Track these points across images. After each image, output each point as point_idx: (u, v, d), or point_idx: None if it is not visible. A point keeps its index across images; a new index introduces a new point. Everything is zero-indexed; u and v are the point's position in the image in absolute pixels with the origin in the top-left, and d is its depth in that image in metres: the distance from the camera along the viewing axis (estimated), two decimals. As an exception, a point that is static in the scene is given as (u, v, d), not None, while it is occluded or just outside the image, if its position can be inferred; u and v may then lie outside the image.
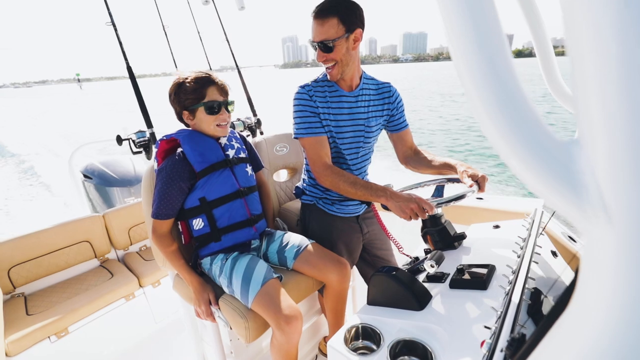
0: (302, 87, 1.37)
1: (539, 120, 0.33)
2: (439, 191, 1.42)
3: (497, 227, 1.35)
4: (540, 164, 0.32)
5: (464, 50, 0.33)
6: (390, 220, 1.58)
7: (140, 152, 2.00)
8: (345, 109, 1.39)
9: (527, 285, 0.84)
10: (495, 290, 0.93)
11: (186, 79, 1.30)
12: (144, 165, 3.43)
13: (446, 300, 0.95)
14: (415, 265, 1.03)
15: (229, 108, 1.37)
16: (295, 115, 1.35)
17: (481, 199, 2.01)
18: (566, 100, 1.37)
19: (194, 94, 1.29)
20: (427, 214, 1.12)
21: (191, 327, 1.69)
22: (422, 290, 0.97)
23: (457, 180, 1.38)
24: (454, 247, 1.25)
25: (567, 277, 0.92)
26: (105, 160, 3.44)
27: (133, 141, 1.97)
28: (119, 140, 1.98)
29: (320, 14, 1.21)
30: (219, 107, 1.33)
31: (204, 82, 1.30)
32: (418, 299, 0.94)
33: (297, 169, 2.04)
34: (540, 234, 1.05)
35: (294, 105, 1.36)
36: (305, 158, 1.50)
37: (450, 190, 1.45)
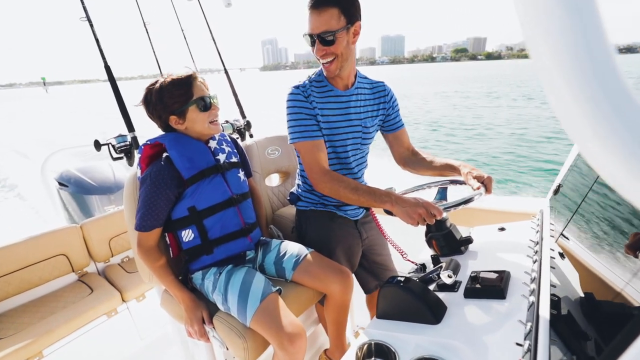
0: (297, 87, 1.28)
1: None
2: (442, 193, 1.37)
3: (502, 229, 1.31)
4: None
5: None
6: (389, 225, 1.52)
7: (121, 158, 1.86)
8: (342, 109, 1.32)
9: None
10: (515, 299, 0.87)
11: (165, 82, 1.19)
12: (124, 171, 3.25)
13: (463, 311, 0.89)
14: (428, 275, 0.97)
15: (215, 102, 1.29)
16: (290, 118, 1.26)
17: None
18: None
19: (182, 95, 1.19)
20: (434, 219, 1.06)
21: (181, 347, 1.57)
22: (436, 301, 0.91)
23: (462, 182, 1.33)
24: (461, 252, 1.20)
25: (576, 282, 0.88)
26: (81, 166, 3.24)
27: (113, 146, 1.83)
28: (97, 145, 1.83)
29: (320, 4, 1.13)
30: (210, 101, 1.24)
31: (188, 80, 1.21)
32: (433, 312, 0.88)
33: (289, 173, 1.96)
34: (557, 240, 1.00)
35: (288, 107, 1.26)
36: (300, 163, 1.42)
37: (452, 192, 1.40)
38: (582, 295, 0.82)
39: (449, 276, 0.90)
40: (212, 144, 1.32)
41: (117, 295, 1.97)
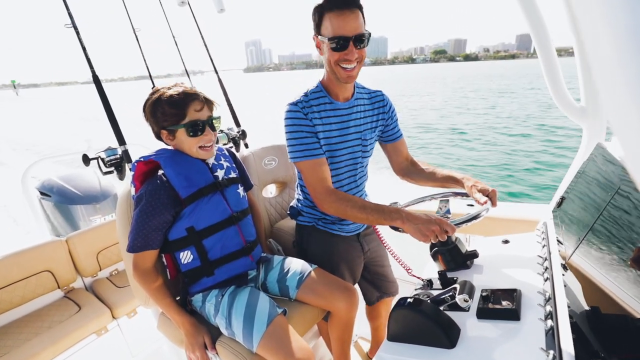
0: (294, 104, 1.21)
1: None
2: (445, 205, 1.35)
3: (506, 242, 1.30)
4: None
5: None
6: (389, 237, 1.50)
7: (111, 172, 1.78)
8: (343, 122, 1.27)
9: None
10: (530, 321, 0.86)
11: (162, 95, 1.13)
12: (111, 179, 3.13)
13: (478, 334, 0.87)
14: (440, 296, 0.95)
15: (215, 125, 1.21)
16: (290, 137, 1.21)
17: (472, 205, 1.98)
18: (572, 112, 1.36)
19: (174, 115, 1.12)
20: (446, 235, 1.04)
21: None
22: (450, 324, 0.89)
23: (465, 195, 1.32)
24: (467, 267, 1.19)
25: (580, 294, 0.87)
26: (64, 174, 3.10)
27: (102, 159, 1.75)
28: (86, 159, 1.74)
29: (351, 4, 1.09)
30: (202, 126, 1.16)
31: (184, 99, 1.13)
32: (448, 335, 0.86)
33: (287, 183, 1.92)
34: (568, 259, 1.00)
35: (287, 126, 1.21)
36: (300, 179, 1.38)
37: (453, 205, 1.39)
38: (587, 308, 0.81)
39: (465, 300, 0.88)
40: (210, 160, 1.27)
41: (106, 312, 1.88)
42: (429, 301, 0.94)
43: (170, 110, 1.12)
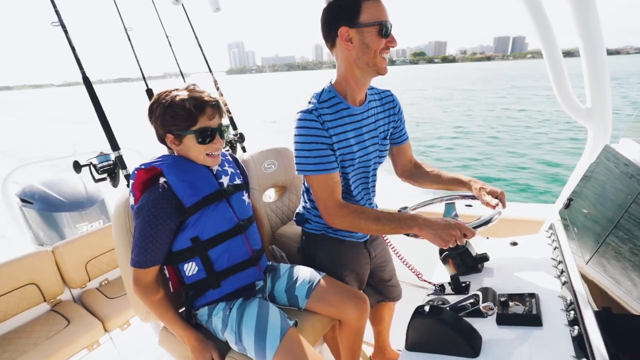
0: (308, 111, 1.10)
1: None
2: (452, 208, 1.34)
3: (514, 244, 1.29)
4: None
5: None
6: (395, 241, 1.48)
7: (104, 179, 1.69)
8: (358, 128, 1.20)
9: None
10: (553, 327, 0.84)
11: (175, 97, 1.06)
12: (98, 184, 3.01)
13: (500, 341, 0.84)
14: (460, 303, 0.93)
15: (224, 133, 1.15)
16: (301, 148, 1.10)
17: (470, 206, 1.97)
18: (578, 113, 1.37)
19: (185, 121, 1.06)
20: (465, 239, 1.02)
21: None
22: (471, 331, 0.86)
23: (473, 197, 1.31)
24: (478, 270, 1.17)
25: (588, 295, 0.86)
26: (47, 180, 2.94)
27: (94, 166, 1.65)
28: (77, 166, 1.65)
29: None
30: (212, 134, 1.10)
31: (198, 106, 1.07)
32: (471, 344, 0.83)
33: (286, 187, 1.88)
34: (588, 262, 0.99)
35: (299, 135, 1.10)
36: (305, 184, 1.34)
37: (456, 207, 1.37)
38: (597, 309, 0.81)
39: (491, 308, 0.86)
40: (215, 166, 1.21)
41: (98, 325, 1.79)
42: (448, 309, 0.92)
43: (182, 115, 1.06)
